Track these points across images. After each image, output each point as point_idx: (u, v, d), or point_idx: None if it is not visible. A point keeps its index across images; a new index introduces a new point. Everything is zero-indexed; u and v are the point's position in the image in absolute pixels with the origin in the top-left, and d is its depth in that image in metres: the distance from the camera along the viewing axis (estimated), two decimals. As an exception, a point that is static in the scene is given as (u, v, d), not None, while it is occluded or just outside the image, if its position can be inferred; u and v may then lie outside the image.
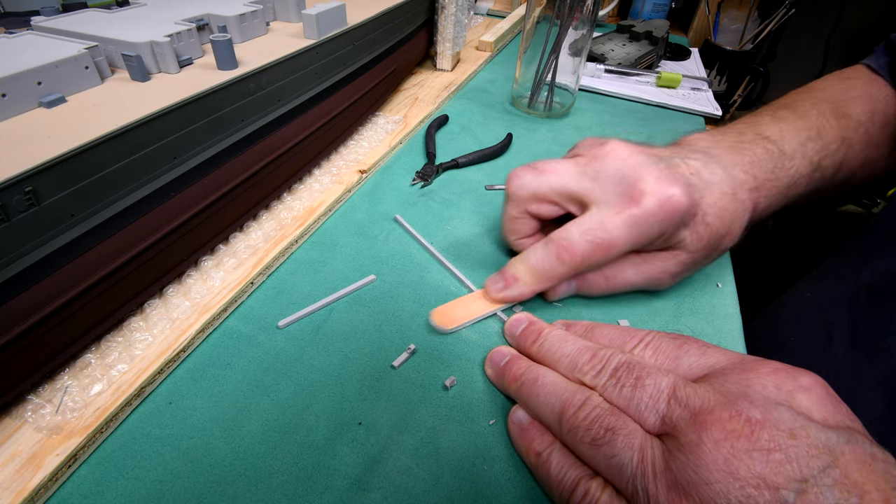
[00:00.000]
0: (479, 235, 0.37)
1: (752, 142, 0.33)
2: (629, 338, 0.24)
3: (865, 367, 0.33)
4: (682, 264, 0.30)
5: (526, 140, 0.50)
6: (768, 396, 0.18)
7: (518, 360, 0.25)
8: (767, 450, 0.17)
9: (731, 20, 0.88)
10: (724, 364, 0.21)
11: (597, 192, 0.28)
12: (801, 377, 0.19)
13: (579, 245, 0.27)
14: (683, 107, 0.59)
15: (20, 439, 0.22)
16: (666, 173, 0.27)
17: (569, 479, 0.21)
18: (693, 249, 0.29)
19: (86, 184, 0.23)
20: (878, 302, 0.34)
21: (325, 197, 0.38)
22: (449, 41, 0.59)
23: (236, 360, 0.27)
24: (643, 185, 0.26)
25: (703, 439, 0.17)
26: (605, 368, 0.22)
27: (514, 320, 0.28)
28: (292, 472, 0.23)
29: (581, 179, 0.28)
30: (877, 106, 0.38)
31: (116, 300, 0.26)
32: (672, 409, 0.19)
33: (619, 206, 0.27)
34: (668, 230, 0.27)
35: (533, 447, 0.22)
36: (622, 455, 0.19)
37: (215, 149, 0.30)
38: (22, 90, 0.25)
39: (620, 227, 0.26)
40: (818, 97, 0.38)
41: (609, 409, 0.20)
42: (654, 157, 0.28)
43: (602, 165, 0.28)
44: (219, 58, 0.31)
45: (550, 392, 0.23)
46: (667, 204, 0.26)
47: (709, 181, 0.29)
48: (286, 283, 0.32)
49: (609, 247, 0.27)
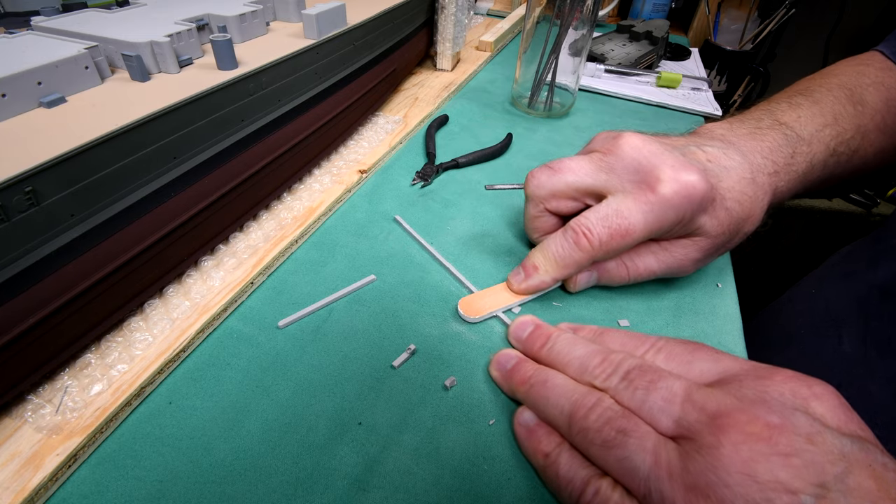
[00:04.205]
0: (479, 235, 0.37)
1: (770, 128, 0.33)
2: (639, 343, 0.24)
3: (877, 364, 0.33)
4: (703, 250, 0.29)
5: (526, 140, 0.50)
6: (784, 402, 0.18)
7: (526, 363, 0.25)
8: (786, 454, 0.17)
9: (731, 20, 0.88)
10: (737, 371, 0.21)
11: (613, 182, 0.28)
12: (815, 386, 0.19)
13: (597, 231, 0.27)
14: (683, 107, 0.59)
15: (20, 439, 0.22)
16: (682, 160, 0.27)
17: (578, 478, 0.20)
18: (714, 234, 0.29)
19: (86, 184, 0.23)
20: (891, 301, 0.34)
21: (325, 197, 0.38)
22: (449, 41, 0.59)
23: (236, 360, 0.27)
24: (659, 171, 0.26)
25: (723, 442, 0.17)
26: (617, 371, 0.22)
27: (520, 323, 0.28)
28: (292, 472, 0.23)
29: (597, 173, 0.28)
30: (891, 94, 0.38)
31: (116, 300, 0.26)
32: (687, 412, 0.19)
33: (636, 194, 0.27)
34: (686, 216, 0.27)
35: (541, 448, 0.22)
36: (635, 457, 0.19)
37: (215, 149, 0.30)
38: (22, 90, 0.25)
39: (637, 213, 0.27)
40: (833, 83, 0.38)
41: (620, 411, 0.20)
42: (668, 145, 0.28)
43: (617, 157, 0.28)
44: (219, 58, 0.31)
45: (560, 394, 0.22)
46: (683, 189, 0.26)
47: (726, 166, 0.29)
48: (286, 283, 0.32)
49: (626, 233, 0.27)
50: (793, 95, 0.37)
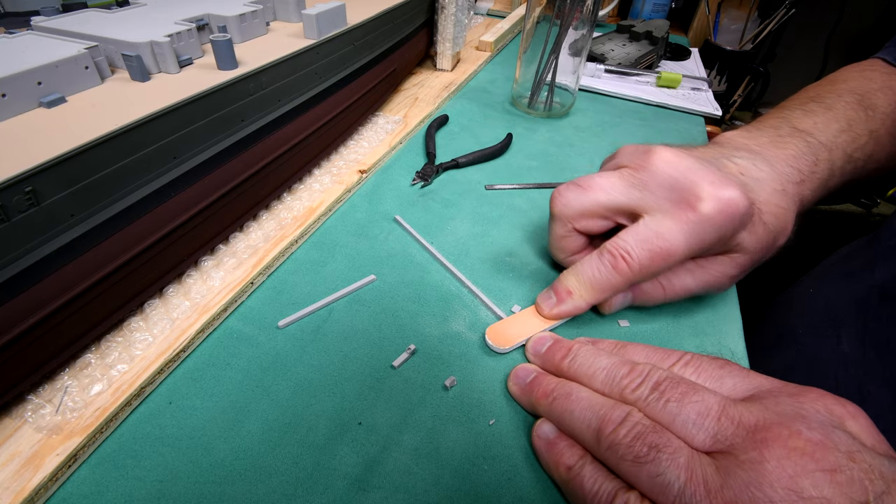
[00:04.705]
0: (479, 235, 0.37)
1: (790, 135, 0.32)
2: (665, 356, 0.24)
3: (876, 365, 0.33)
4: (740, 266, 0.29)
5: (526, 140, 0.50)
6: (822, 420, 0.18)
7: (546, 376, 0.25)
8: (831, 471, 0.16)
9: (731, 20, 0.88)
10: (769, 387, 0.21)
11: (649, 200, 0.27)
12: (849, 405, 0.19)
13: (637, 254, 0.26)
14: (683, 107, 0.59)
15: (20, 439, 0.22)
16: (719, 176, 0.26)
17: (604, 491, 0.20)
18: (752, 250, 0.28)
19: (86, 184, 0.23)
20: (889, 303, 0.34)
21: (325, 197, 0.38)
22: (449, 41, 0.59)
23: (236, 360, 0.27)
24: (698, 189, 0.25)
25: (766, 457, 0.17)
26: (646, 382, 0.21)
27: (537, 338, 0.27)
28: (292, 472, 0.23)
29: (630, 191, 0.27)
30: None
31: (116, 300, 0.26)
32: (724, 427, 0.19)
33: (675, 213, 0.26)
34: (727, 234, 0.26)
35: (563, 461, 0.22)
36: (668, 474, 0.18)
37: (215, 149, 0.30)
38: (22, 90, 0.25)
39: (678, 234, 0.25)
40: (842, 89, 0.38)
41: (651, 425, 0.20)
42: (702, 159, 0.27)
43: (650, 173, 0.27)
44: (219, 58, 0.31)
45: (586, 407, 0.22)
46: (726, 207, 0.25)
47: (758, 178, 0.28)
48: (286, 283, 0.32)
49: (668, 255, 0.26)
50: (805, 102, 0.37)
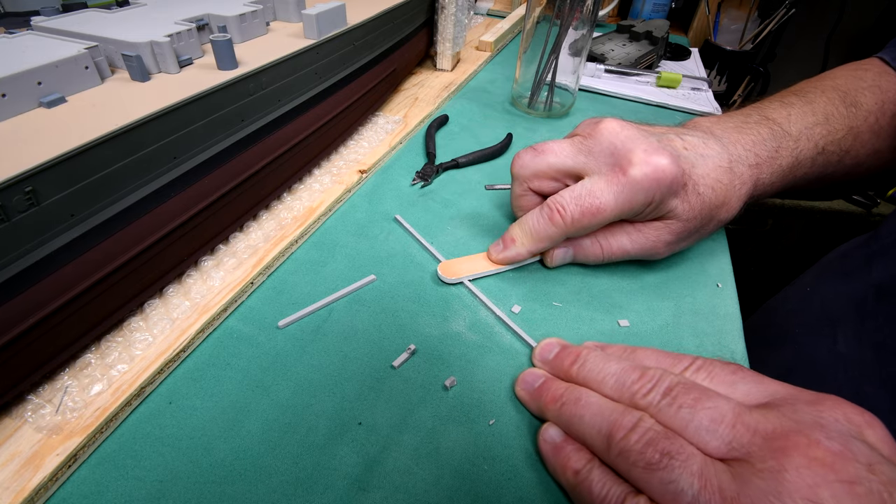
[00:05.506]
0: (479, 235, 0.37)
1: (757, 123, 0.34)
2: (676, 360, 0.23)
3: (873, 365, 0.33)
4: (675, 233, 0.31)
5: (526, 140, 0.50)
6: (841, 429, 0.18)
7: (555, 381, 0.25)
8: (850, 482, 0.16)
9: (731, 20, 0.88)
10: (785, 394, 0.20)
11: (591, 164, 0.30)
12: (866, 413, 0.19)
13: (570, 209, 0.29)
14: (683, 107, 0.59)
15: (20, 439, 0.22)
16: (655, 145, 0.29)
17: (613, 495, 0.20)
18: (685, 218, 0.30)
19: (86, 184, 0.23)
20: (887, 302, 0.34)
21: (325, 197, 0.38)
22: (449, 41, 0.59)
23: (236, 360, 0.27)
24: (631, 155, 0.28)
25: (786, 465, 0.17)
26: (658, 387, 0.21)
27: (545, 344, 0.27)
28: (292, 472, 0.23)
29: (576, 156, 0.30)
30: (887, 97, 0.39)
31: (116, 300, 0.26)
32: (740, 434, 0.19)
33: (609, 176, 0.29)
34: (656, 198, 0.29)
35: (570, 465, 0.22)
36: (681, 481, 0.18)
37: (215, 149, 0.30)
38: (22, 90, 0.25)
39: (609, 193, 0.28)
40: (828, 86, 0.39)
41: (663, 431, 0.20)
42: (646, 132, 0.30)
43: (595, 141, 0.30)
44: (219, 58, 0.31)
45: (596, 412, 0.21)
46: (653, 172, 0.28)
47: (703, 154, 0.31)
48: (286, 283, 0.32)
49: (598, 211, 0.29)
50: (786, 95, 0.39)
